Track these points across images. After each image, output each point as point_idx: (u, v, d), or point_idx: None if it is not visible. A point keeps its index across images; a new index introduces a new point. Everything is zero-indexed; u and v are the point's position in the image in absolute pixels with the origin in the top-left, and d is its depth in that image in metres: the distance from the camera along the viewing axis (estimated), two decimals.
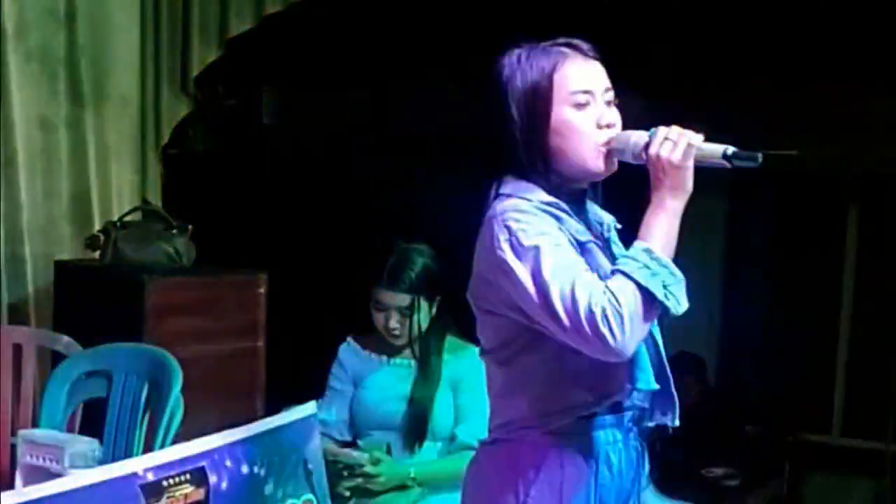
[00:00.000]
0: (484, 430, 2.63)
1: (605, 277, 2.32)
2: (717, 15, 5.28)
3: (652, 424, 2.58)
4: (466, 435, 3.77)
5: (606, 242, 2.56)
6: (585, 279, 2.28)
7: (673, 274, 2.31)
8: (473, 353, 3.80)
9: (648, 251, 2.31)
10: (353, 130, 6.17)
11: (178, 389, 3.82)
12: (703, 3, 5.34)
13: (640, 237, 2.36)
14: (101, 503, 2.23)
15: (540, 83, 2.45)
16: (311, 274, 5.94)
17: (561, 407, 2.44)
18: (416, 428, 3.87)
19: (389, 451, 3.88)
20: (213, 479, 2.37)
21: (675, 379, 2.56)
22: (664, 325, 2.47)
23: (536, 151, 2.46)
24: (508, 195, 2.45)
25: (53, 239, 5.31)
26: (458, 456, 3.71)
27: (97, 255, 5.02)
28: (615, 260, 2.43)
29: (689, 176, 2.37)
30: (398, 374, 3.95)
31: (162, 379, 3.88)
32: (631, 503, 2.58)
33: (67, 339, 4.39)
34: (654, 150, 2.37)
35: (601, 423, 2.47)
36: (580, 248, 2.41)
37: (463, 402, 3.86)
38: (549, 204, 2.42)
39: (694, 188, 2.38)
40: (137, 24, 5.57)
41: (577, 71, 2.47)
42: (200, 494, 2.35)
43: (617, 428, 2.50)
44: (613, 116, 2.49)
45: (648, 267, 2.29)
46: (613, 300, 2.24)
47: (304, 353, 4.58)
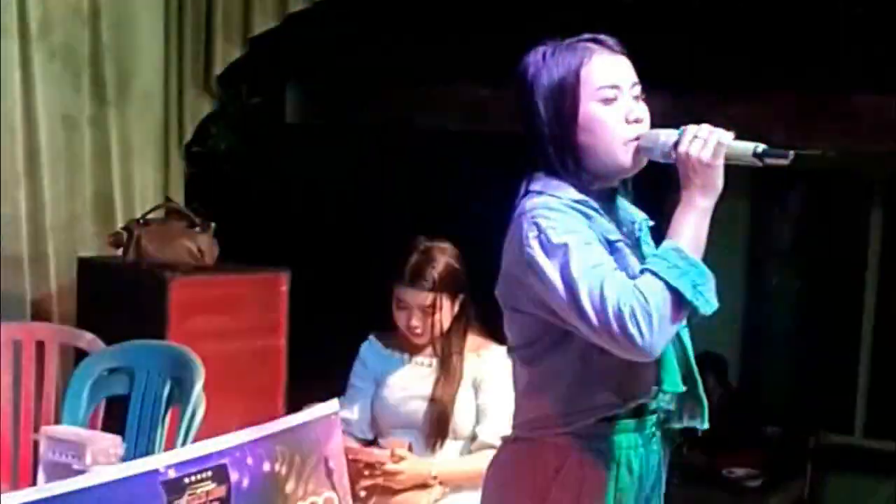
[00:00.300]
0: (505, 429, 2.63)
1: (633, 277, 2.31)
2: (739, 13, 5.26)
3: (679, 427, 2.57)
4: (488, 434, 3.76)
5: (636, 241, 2.54)
6: (614, 278, 2.27)
7: (703, 273, 2.29)
8: (495, 351, 3.82)
9: (678, 250, 2.29)
10: (375, 128, 6.18)
11: (200, 387, 3.83)
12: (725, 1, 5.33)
13: (669, 236, 2.34)
14: (122, 500, 2.22)
15: (566, 79, 2.44)
16: (333, 272, 5.95)
17: (584, 407, 2.43)
18: (437, 427, 3.86)
19: (411, 449, 3.88)
20: (234, 476, 2.37)
21: (697, 378, 2.55)
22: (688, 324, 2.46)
23: (565, 148, 2.44)
24: (538, 192, 2.43)
25: (76, 236, 5.34)
26: (479, 455, 3.70)
27: (120, 252, 5.04)
28: (644, 259, 2.43)
29: (719, 174, 2.35)
30: (420, 372, 3.94)
31: (184, 376, 3.89)
32: None
33: (90, 336, 4.41)
34: (683, 147, 2.35)
35: (623, 426, 2.46)
36: (609, 247, 2.39)
37: (484, 401, 3.85)
38: (578, 202, 2.41)
39: None
40: (161, 22, 5.60)
41: (603, 66, 2.46)
42: (222, 492, 2.35)
43: (639, 432, 2.49)
44: (642, 111, 2.47)
45: (678, 266, 2.27)
46: (642, 299, 2.22)
47: (325, 351, 4.59)
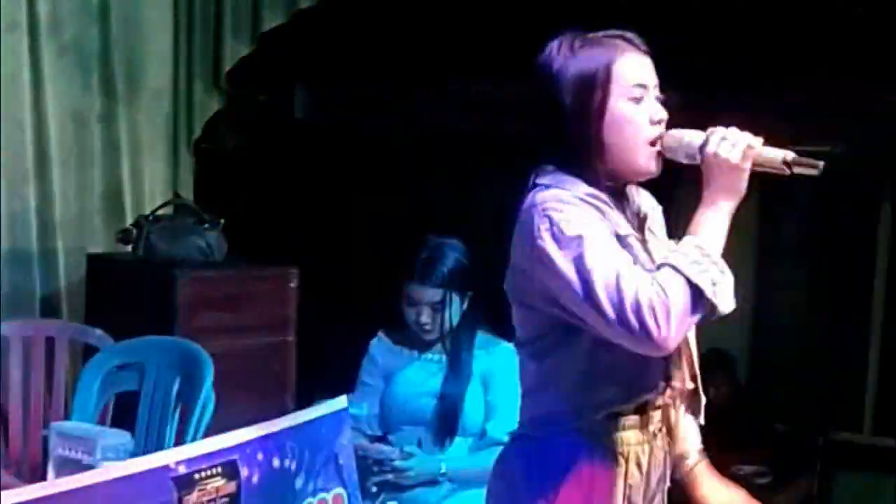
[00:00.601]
0: (514, 425, 2.62)
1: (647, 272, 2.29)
2: (749, 9, 5.26)
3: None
4: (497, 430, 3.77)
5: (641, 229, 2.52)
6: (631, 271, 2.25)
7: (723, 272, 2.27)
8: (504, 348, 3.82)
9: (700, 247, 2.27)
10: (384, 126, 6.18)
11: (209, 383, 3.84)
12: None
13: (689, 233, 2.32)
14: (132, 495, 2.23)
15: (598, 73, 2.40)
16: (341, 268, 5.95)
17: (591, 403, 2.42)
18: (446, 423, 3.87)
19: (420, 445, 3.88)
20: (244, 472, 2.38)
21: (705, 376, 2.55)
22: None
23: (587, 144, 2.40)
24: (547, 186, 2.40)
25: (86, 233, 5.35)
26: (488, 452, 3.70)
27: (129, 248, 5.05)
28: (650, 254, 2.42)
29: (745, 178, 2.33)
30: (429, 369, 3.95)
31: (194, 372, 3.90)
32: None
33: (100, 332, 4.42)
34: (711, 149, 2.33)
35: (630, 422, 2.45)
36: (620, 242, 2.36)
37: (493, 397, 3.86)
38: (590, 195, 2.38)
39: None
40: (170, 19, 5.61)
41: (634, 64, 2.43)
42: (232, 488, 2.36)
43: (645, 428, 2.48)
44: (664, 113, 2.45)
45: (699, 263, 2.25)
46: (661, 293, 2.20)
47: (334, 347, 4.59)
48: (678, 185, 2.62)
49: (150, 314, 4.74)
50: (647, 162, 2.43)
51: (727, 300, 2.27)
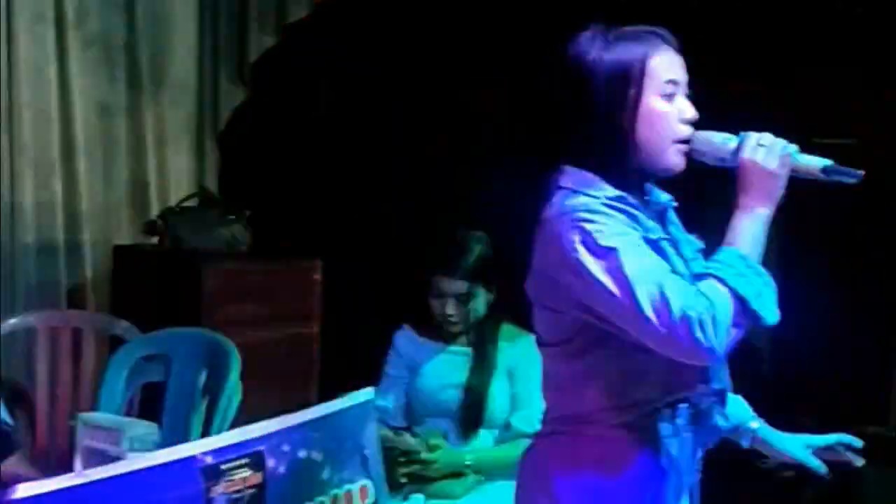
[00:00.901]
0: (539, 417, 2.61)
1: (681, 276, 2.28)
2: (739, 11, 5.23)
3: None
4: (522, 423, 3.77)
5: (664, 222, 2.51)
6: (674, 281, 2.23)
7: (767, 284, 2.27)
8: (529, 340, 3.80)
9: (744, 258, 2.26)
10: (409, 119, 6.17)
11: (235, 375, 3.85)
12: None
13: (729, 241, 2.30)
14: (160, 486, 2.23)
15: (633, 67, 2.37)
16: (366, 261, 5.95)
17: (627, 402, 2.40)
18: (471, 415, 3.87)
19: (446, 437, 3.89)
20: (270, 463, 2.38)
21: (730, 369, 2.54)
22: None
23: (617, 138, 2.38)
24: (572, 190, 2.37)
25: (112, 224, 5.37)
26: (513, 444, 3.71)
27: (155, 240, 5.07)
28: (682, 255, 2.41)
29: (782, 185, 2.32)
30: (454, 361, 3.95)
31: (220, 364, 3.91)
32: (685, 497, 2.55)
33: (126, 323, 4.43)
34: (747, 154, 2.31)
35: (662, 416, 2.42)
36: (652, 246, 2.33)
37: (519, 389, 3.86)
38: (616, 199, 2.35)
39: None
40: (196, 11, 5.62)
41: (668, 60, 2.40)
42: (258, 479, 2.36)
43: (677, 421, 2.45)
44: (694, 112, 2.42)
45: (744, 275, 2.24)
46: (709, 306, 2.19)
47: (359, 339, 4.59)
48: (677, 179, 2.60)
49: (175, 305, 4.76)
50: (674, 160, 2.41)
51: (772, 311, 2.27)
